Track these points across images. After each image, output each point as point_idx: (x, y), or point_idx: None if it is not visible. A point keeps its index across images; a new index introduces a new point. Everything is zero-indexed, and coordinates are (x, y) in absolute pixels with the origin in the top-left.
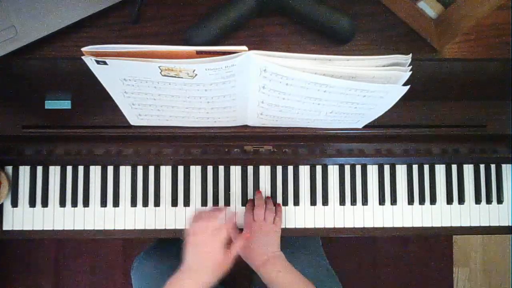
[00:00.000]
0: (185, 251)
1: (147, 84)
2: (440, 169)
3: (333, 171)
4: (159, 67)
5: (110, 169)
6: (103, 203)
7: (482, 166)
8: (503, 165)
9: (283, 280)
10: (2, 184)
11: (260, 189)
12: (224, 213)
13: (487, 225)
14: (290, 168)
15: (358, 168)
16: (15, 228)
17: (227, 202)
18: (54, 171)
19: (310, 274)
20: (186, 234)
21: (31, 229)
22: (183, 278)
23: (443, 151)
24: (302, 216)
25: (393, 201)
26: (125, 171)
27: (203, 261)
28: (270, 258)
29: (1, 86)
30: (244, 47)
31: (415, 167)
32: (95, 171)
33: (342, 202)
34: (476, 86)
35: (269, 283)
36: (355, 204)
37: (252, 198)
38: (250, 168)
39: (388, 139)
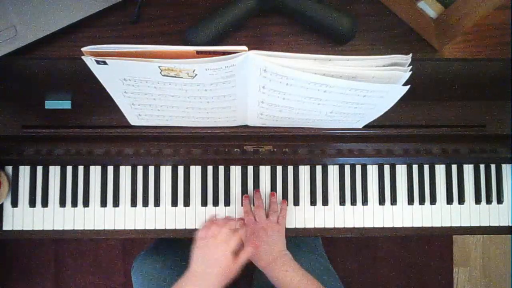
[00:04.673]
0: (193, 255)
1: (147, 84)
2: (440, 169)
3: (333, 171)
4: (159, 67)
5: (110, 169)
6: (103, 203)
7: (482, 166)
8: (503, 165)
9: (290, 279)
10: (2, 184)
11: (260, 189)
12: (236, 222)
13: (487, 225)
14: (290, 168)
15: (358, 168)
16: (15, 228)
17: (227, 202)
18: (54, 171)
19: (311, 274)
20: (196, 238)
21: (31, 229)
22: (188, 285)
23: (443, 151)
24: (302, 216)
25: (393, 201)
26: (125, 171)
27: (210, 267)
28: (276, 258)
29: (1, 86)
30: (244, 47)
31: (415, 167)
32: (95, 171)
33: (342, 202)
34: (476, 86)
35: (276, 283)
36: (355, 204)
37: (246, 194)
38: (250, 168)
39: (388, 139)
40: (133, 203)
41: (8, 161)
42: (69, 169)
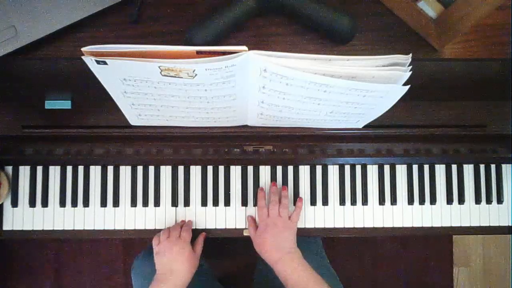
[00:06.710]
0: (155, 263)
1: (147, 84)
2: (440, 169)
3: (333, 171)
4: (159, 67)
5: (110, 169)
6: (103, 203)
7: (482, 166)
8: (503, 165)
9: (298, 277)
10: (2, 184)
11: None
12: (181, 223)
13: (487, 225)
14: (290, 168)
15: (358, 168)
16: (15, 228)
17: (227, 202)
18: (54, 171)
19: None
20: (153, 248)
21: (31, 229)
22: (157, 286)
23: (443, 151)
24: (302, 216)
25: (393, 201)
26: (125, 171)
27: (171, 265)
28: (286, 255)
29: (1, 86)
30: (244, 47)
31: (415, 167)
32: (95, 171)
33: (342, 202)
34: (476, 86)
35: (284, 280)
36: (355, 204)
37: (261, 187)
38: (250, 168)
39: (388, 139)
40: (133, 203)
41: (8, 161)
42: (69, 169)
